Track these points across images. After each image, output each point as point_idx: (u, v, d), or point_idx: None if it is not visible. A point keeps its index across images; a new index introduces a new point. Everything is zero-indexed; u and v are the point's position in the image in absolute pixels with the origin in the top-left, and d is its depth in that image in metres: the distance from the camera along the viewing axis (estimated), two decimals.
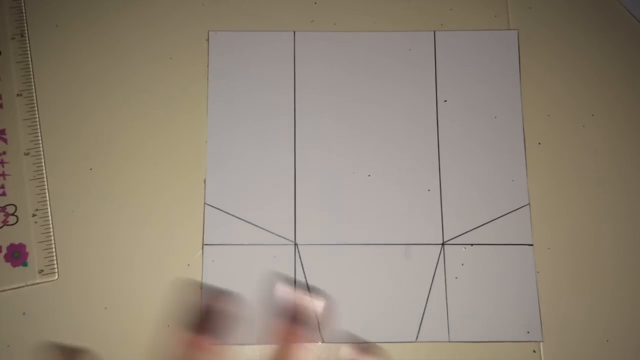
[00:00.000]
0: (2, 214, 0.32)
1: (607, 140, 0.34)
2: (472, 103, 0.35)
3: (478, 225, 0.33)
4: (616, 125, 0.35)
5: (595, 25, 0.36)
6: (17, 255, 0.32)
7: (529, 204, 0.34)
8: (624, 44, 0.36)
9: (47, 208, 0.32)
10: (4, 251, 0.32)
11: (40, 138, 0.33)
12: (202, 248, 0.33)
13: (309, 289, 0.32)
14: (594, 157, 0.34)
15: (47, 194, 0.33)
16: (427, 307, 0.32)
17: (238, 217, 0.33)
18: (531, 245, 0.33)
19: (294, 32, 0.35)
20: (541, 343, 0.32)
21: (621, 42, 0.36)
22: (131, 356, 0.31)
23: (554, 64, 0.35)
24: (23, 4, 0.35)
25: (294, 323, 0.28)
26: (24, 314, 0.32)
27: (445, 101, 0.35)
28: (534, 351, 0.32)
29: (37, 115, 0.34)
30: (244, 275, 0.32)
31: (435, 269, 0.33)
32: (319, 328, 0.32)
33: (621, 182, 0.34)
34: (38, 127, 0.34)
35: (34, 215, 0.32)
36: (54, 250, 0.32)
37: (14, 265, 0.32)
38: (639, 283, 0.33)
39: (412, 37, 0.35)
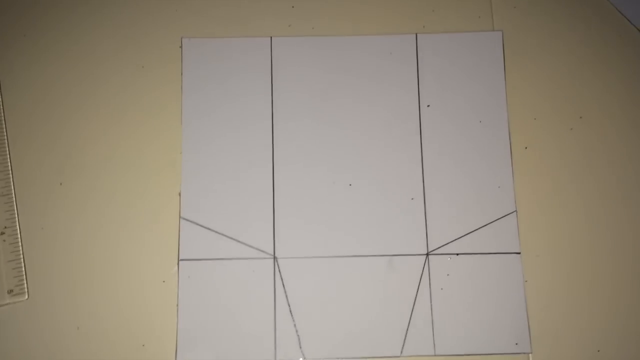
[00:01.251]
0: None
1: (596, 143, 0.33)
2: (456, 107, 0.34)
3: (464, 234, 0.32)
4: (605, 127, 0.34)
5: (583, 25, 0.35)
6: None
7: (516, 210, 0.32)
8: (612, 43, 0.34)
9: (16, 225, 0.31)
10: None
11: (8, 152, 0.32)
12: (178, 264, 0.31)
13: (289, 303, 0.31)
14: (582, 160, 0.33)
15: (15, 211, 0.32)
16: (411, 320, 0.31)
17: (215, 231, 0.32)
18: (519, 253, 0.32)
19: (271, 38, 0.34)
20: (530, 355, 0.31)
21: (609, 41, 0.34)
22: None
23: (540, 65, 0.34)
24: None
25: None
26: None
27: (428, 106, 0.34)
28: None
29: (4, 129, 0.32)
30: (222, 291, 0.31)
31: (420, 280, 0.32)
32: (299, 345, 0.31)
33: (611, 185, 0.33)
34: (6, 141, 0.32)
35: (2, 233, 0.31)
36: (23, 269, 0.31)
37: None
38: (631, 291, 0.32)
39: (393, 40, 0.34)
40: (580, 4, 0.35)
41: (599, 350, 0.31)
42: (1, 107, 0.33)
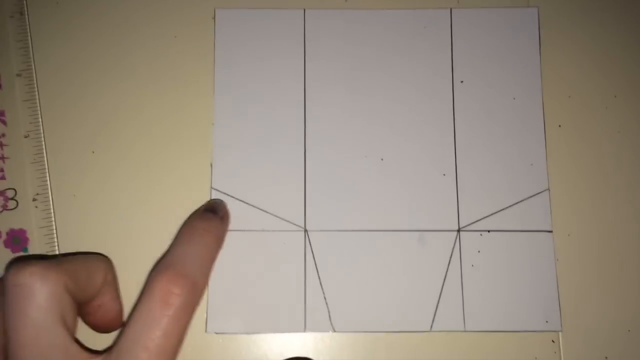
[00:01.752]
0: (2, 198, 0.31)
1: (630, 122, 0.33)
2: (490, 84, 0.33)
3: (495, 211, 0.32)
4: None
5: (620, 2, 0.34)
6: (17, 241, 0.31)
7: (548, 189, 0.32)
8: None
9: (48, 192, 0.31)
10: (4, 237, 0.31)
11: (40, 120, 0.32)
12: None
13: (319, 275, 0.31)
14: (616, 140, 0.33)
15: (47, 178, 0.32)
16: (442, 296, 0.31)
17: (246, 202, 0.32)
18: (550, 231, 0.32)
19: (304, 10, 0.34)
20: (560, 333, 0.31)
21: None
22: None
23: (575, 42, 0.34)
24: None
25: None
26: None
27: (461, 82, 0.33)
28: (553, 341, 0.31)
29: (37, 97, 0.32)
30: (253, 262, 0.31)
31: (451, 256, 0.32)
32: (329, 317, 0.31)
33: None
34: (38, 108, 0.32)
35: (34, 199, 0.31)
36: (55, 235, 0.31)
37: (14, 251, 0.31)
38: None
39: (427, 15, 0.34)
40: None
41: (629, 330, 0.31)
42: (34, 76, 0.33)
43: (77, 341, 0.24)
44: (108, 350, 0.24)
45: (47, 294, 0.22)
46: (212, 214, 0.29)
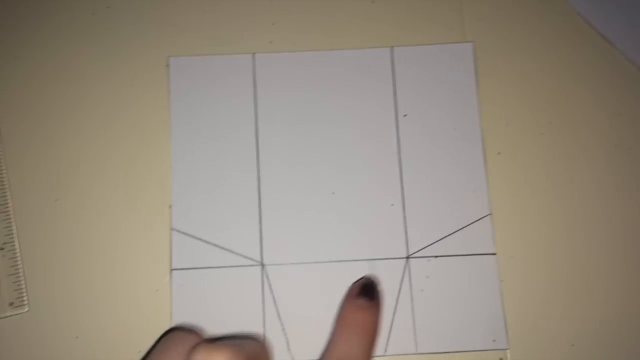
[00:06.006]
0: None
1: (565, 147, 0.35)
2: (432, 116, 0.35)
3: (441, 237, 0.34)
4: (573, 131, 0.35)
5: (551, 35, 0.36)
6: None
7: (490, 213, 0.34)
8: (580, 52, 0.36)
9: (15, 241, 0.33)
10: None
11: (5, 172, 0.34)
12: (170, 273, 0.33)
13: (277, 307, 0.33)
14: (552, 164, 0.35)
15: (14, 228, 0.33)
16: (394, 321, 0.33)
17: (205, 241, 0.33)
18: (494, 254, 0.34)
19: (253, 54, 0.36)
20: (507, 351, 0.33)
21: (577, 50, 0.36)
22: None
23: (510, 74, 0.36)
24: None
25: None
26: None
27: (405, 116, 0.35)
28: (501, 359, 0.32)
29: (0, 149, 0.34)
30: (213, 297, 0.33)
31: (401, 283, 0.33)
32: (288, 347, 0.32)
33: (579, 188, 0.35)
34: (2, 161, 0.34)
35: (1, 249, 0.33)
36: (23, 282, 0.32)
37: None
38: (598, 287, 0.33)
39: (370, 54, 0.36)
40: (549, 16, 0.37)
41: (573, 345, 0.33)
42: None
43: None
44: None
45: None
46: (367, 301, 0.29)
